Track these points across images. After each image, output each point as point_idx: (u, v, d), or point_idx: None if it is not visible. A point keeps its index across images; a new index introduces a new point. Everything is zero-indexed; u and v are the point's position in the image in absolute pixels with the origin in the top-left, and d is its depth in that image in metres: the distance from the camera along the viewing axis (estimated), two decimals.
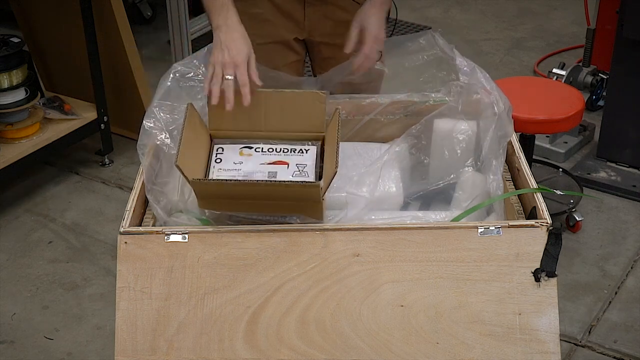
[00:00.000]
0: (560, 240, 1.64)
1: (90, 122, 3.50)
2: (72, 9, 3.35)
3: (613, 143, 3.51)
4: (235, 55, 1.82)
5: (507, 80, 3.28)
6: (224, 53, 1.83)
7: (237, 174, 1.79)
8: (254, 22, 2.14)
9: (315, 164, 1.80)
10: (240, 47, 1.85)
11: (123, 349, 1.63)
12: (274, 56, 2.15)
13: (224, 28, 1.87)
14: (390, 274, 1.64)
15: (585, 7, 3.94)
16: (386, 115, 2.04)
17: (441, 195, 1.88)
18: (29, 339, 2.72)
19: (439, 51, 2.00)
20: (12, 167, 3.23)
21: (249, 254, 1.64)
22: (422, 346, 1.62)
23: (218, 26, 1.88)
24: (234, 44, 1.84)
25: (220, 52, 1.84)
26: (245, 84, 1.80)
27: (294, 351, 1.62)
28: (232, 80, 1.80)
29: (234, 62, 1.82)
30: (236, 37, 1.86)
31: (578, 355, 2.65)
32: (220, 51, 1.84)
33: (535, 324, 1.62)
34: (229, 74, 1.81)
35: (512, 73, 4.40)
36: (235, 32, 1.87)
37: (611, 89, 3.51)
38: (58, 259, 3.08)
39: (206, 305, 1.63)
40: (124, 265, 1.64)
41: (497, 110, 1.86)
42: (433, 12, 5.16)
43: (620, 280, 2.95)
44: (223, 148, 1.85)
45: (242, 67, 1.82)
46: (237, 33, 1.87)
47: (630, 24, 3.25)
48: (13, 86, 3.20)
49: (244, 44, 1.86)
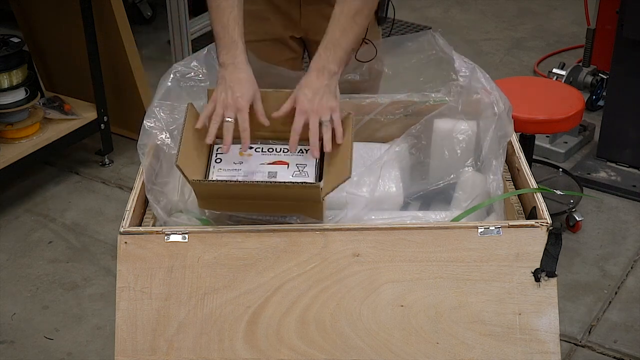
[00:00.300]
0: (560, 240, 1.64)
1: (90, 122, 3.50)
2: (72, 9, 3.35)
3: (613, 143, 3.51)
4: (238, 98, 1.76)
5: (507, 80, 3.28)
6: (228, 93, 1.76)
7: (237, 174, 1.78)
8: (250, 19, 2.14)
9: (316, 164, 1.80)
10: (245, 90, 1.77)
11: (123, 349, 1.63)
12: (271, 53, 2.14)
13: (230, 67, 1.80)
14: (390, 274, 1.64)
15: (585, 7, 3.94)
16: (386, 115, 2.04)
17: (441, 195, 1.88)
18: (29, 339, 2.72)
19: (439, 51, 1.99)
20: (12, 167, 3.23)
21: (249, 254, 1.64)
22: (422, 346, 1.62)
23: (224, 64, 1.81)
24: (239, 86, 1.77)
25: (223, 91, 1.77)
26: (246, 129, 1.74)
27: (294, 351, 1.62)
28: (231, 122, 1.75)
29: (236, 104, 1.75)
30: (242, 78, 1.79)
31: (578, 355, 2.65)
32: (224, 90, 1.77)
33: (535, 324, 1.62)
34: (229, 116, 1.75)
35: (512, 73, 4.40)
36: (242, 72, 1.79)
37: (611, 89, 3.51)
38: (58, 259, 3.08)
39: (206, 305, 1.63)
40: (124, 265, 1.64)
41: (497, 110, 1.86)
42: (433, 12, 5.16)
43: (620, 280, 2.95)
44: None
45: (245, 112, 1.76)
46: (243, 74, 1.79)
47: (630, 24, 3.25)
48: (13, 86, 3.20)
49: (250, 86, 1.78)
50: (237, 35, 1.83)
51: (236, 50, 1.82)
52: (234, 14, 1.85)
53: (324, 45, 1.83)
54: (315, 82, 1.79)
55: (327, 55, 1.81)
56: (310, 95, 1.77)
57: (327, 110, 1.77)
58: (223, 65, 1.82)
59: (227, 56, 1.82)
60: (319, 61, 1.81)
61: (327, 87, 1.79)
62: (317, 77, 1.79)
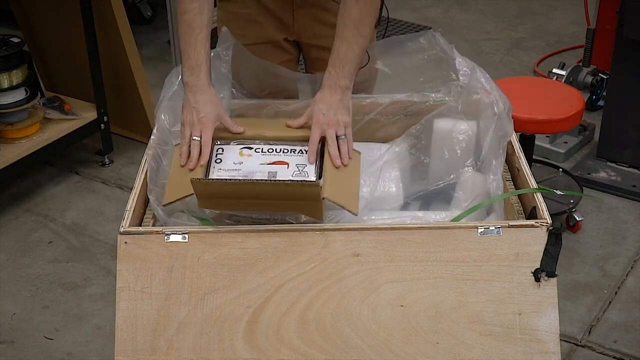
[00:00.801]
0: (560, 240, 1.64)
1: (90, 122, 3.50)
2: (72, 9, 3.35)
3: (613, 143, 3.51)
4: (202, 117, 1.83)
5: (507, 80, 3.28)
6: (193, 114, 1.84)
7: (237, 174, 1.79)
8: (242, 23, 2.14)
9: (315, 164, 1.80)
10: (209, 110, 1.85)
11: (123, 349, 1.63)
12: (266, 56, 2.15)
13: (193, 89, 1.86)
14: (390, 274, 1.64)
15: (585, 7, 3.94)
16: (386, 115, 2.04)
17: (441, 195, 1.88)
18: (29, 339, 2.72)
19: (439, 51, 2.00)
20: (12, 167, 3.23)
21: (249, 254, 1.64)
22: (422, 346, 1.62)
23: (188, 84, 1.87)
24: (203, 106, 1.84)
25: (189, 112, 1.85)
26: (207, 144, 1.82)
27: (294, 351, 1.62)
28: (198, 141, 1.82)
29: (201, 124, 1.83)
30: (205, 100, 1.85)
31: (578, 355, 2.65)
32: (189, 112, 1.85)
33: (535, 324, 1.62)
34: (196, 135, 1.82)
35: (512, 73, 4.40)
36: (204, 94, 1.86)
37: (611, 89, 3.51)
38: (58, 259, 3.08)
39: (206, 305, 1.63)
40: (124, 265, 1.64)
41: (497, 110, 1.86)
42: (433, 12, 5.16)
43: (620, 280, 2.95)
44: (223, 148, 1.85)
45: (209, 130, 1.83)
46: (205, 95, 1.86)
47: (630, 24, 3.25)
48: (13, 86, 3.19)
49: (213, 106, 1.86)
50: (202, 58, 1.87)
51: (200, 72, 1.87)
52: (202, 35, 1.88)
53: (332, 62, 1.87)
54: (329, 98, 1.86)
55: (337, 72, 1.86)
56: (325, 110, 1.84)
57: (342, 124, 1.84)
58: (187, 85, 1.87)
59: (191, 78, 1.87)
60: (330, 79, 1.87)
61: (341, 102, 1.86)
62: (331, 93, 1.86)
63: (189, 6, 1.87)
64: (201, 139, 1.82)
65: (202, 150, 1.82)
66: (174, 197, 1.73)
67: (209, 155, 1.82)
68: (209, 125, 1.83)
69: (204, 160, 1.81)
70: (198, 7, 1.88)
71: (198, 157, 1.81)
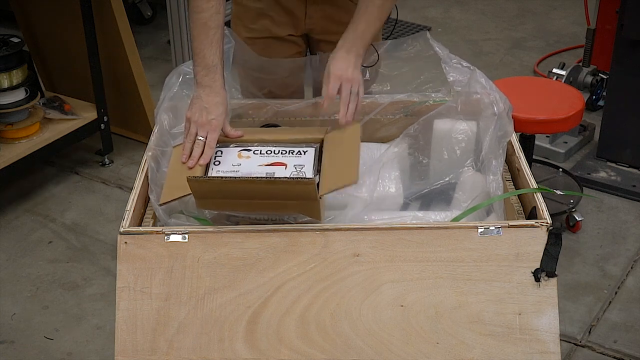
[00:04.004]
0: (560, 240, 1.64)
1: (90, 122, 3.50)
2: (72, 9, 3.35)
3: (613, 143, 3.51)
4: (212, 120, 1.85)
5: (507, 80, 3.27)
6: (202, 114, 1.85)
7: (235, 175, 1.79)
8: (252, 16, 2.15)
9: (314, 164, 1.80)
10: (220, 113, 1.87)
11: (123, 349, 1.63)
12: (274, 49, 2.16)
13: (207, 89, 1.87)
14: (390, 274, 1.64)
15: (585, 7, 3.94)
16: (386, 115, 2.04)
17: (441, 195, 1.88)
18: (29, 339, 2.72)
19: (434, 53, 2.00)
20: (12, 167, 3.23)
21: (249, 254, 1.64)
22: (422, 346, 1.62)
23: (202, 84, 1.88)
24: (215, 108, 1.86)
25: (198, 111, 1.86)
26: (211, 146, 1.84)
27: (294, 351, 1.62)
28: (202, 141, 1.84)
29: (210, 125, 1.85)
30: (218, 102, 1.87)
31: (578, 355, 2.65)
32: (199, 110, 1.86)
33: (535, 324, 1.62)
34: (202, 135, 1.84)
35: (512, 73, 4.40)
36: (218, 96, 1.88)
37: (611, 89, 3.51)
38: (58, 259, 3.08)
39: (206, 305, 1.63)
40: (124, 265, 1.64)
41: (497, 110, 1.86)
42: (433, 12, 5.16)
43: (620, 280, 2.95)
44: (222, 151, 1.86)
45: (216, 133, 1.85)
46: (219, 98, 1.88)
47: (630, 24, 3.25)
48: (13, 86, 3.19)
49: (224, 110, 1.88)
50: (218, 58, 1.89)
51: (215, 74, 1.88)
52: (218, 35, 1.90)
53: (348, 33, 1.93)
54: (345, 57, 1.91)
55: (354, 39, 1.92)
56: (344, 66, 1.90)
57: (357, 81, 1.90)
58: (201, 85, 1.88)
59: (206, 78, 1.88)
60: (347, 43, 1.92)
61: (356, 64, 1.92)
62: (347, 53, 1.91)
63: (206, 5, 1.89)
64: (206, 140, 1.83)
65: (205, 151, 1.82)
66: (171, 197, 1.73)
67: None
68: (217, 128, 1.85)
69: (204, 161, 1.81)
70: (215, 6, 1.89)
71: (199, 156, 1.81)
